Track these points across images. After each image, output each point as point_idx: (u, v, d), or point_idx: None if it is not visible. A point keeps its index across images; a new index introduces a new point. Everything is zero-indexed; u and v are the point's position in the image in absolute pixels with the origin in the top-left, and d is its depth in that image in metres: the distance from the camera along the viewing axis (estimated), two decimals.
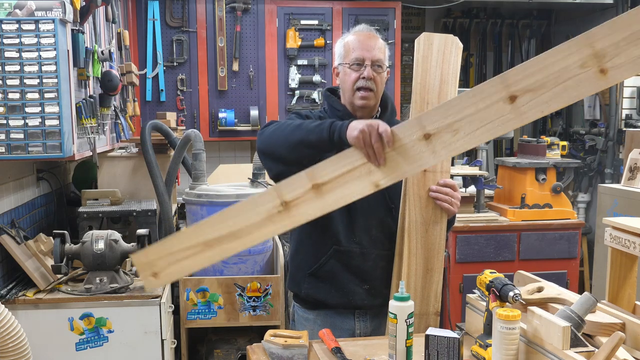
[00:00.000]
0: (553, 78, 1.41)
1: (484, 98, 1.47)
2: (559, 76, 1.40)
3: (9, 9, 2.18)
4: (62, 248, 2.60)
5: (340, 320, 2.06)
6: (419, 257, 1.96)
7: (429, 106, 1.95)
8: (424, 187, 1.95)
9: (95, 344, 2.58)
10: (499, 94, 1.44)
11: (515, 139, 5.40)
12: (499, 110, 1.45)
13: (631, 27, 1.34)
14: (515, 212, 3.75)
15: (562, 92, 1.41)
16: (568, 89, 1.41)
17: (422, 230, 1.96)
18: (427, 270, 1.97)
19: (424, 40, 1.98)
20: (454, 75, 1.99)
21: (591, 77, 1.38)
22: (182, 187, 4.03)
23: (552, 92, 1.41)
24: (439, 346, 1.56)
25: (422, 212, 1.95)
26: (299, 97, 4.80)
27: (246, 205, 1.60)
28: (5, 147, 2.20)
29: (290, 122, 1.84)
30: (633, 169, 3.70)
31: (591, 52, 1.37)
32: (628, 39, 1.34)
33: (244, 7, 4.67)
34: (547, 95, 1.42)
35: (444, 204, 1.93)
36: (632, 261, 1.87)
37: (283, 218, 1.58)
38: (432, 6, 5.22)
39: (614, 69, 1.36)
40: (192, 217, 3.14)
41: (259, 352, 1.74)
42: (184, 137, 3.23)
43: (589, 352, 1.45)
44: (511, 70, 1.47)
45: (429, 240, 1.96)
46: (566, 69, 1.39)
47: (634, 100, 4.94)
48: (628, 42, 1.34)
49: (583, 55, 1.38)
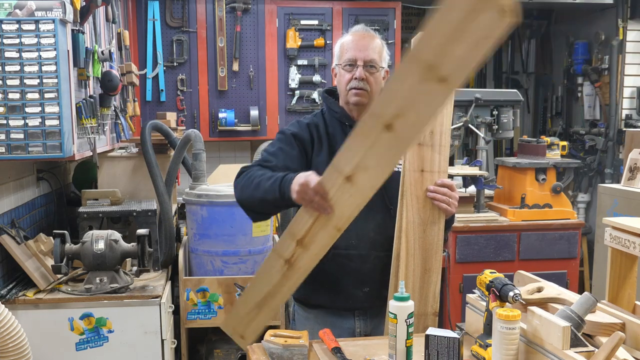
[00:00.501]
0: (409, 100, 1.41)
1: (368, 135, 1.50)
2: (411, 97, 1.41)
3: (9, 9, 2.18)
4: (62, 248, 2.60)
5: (340, 320, 2.06)
6: (417, 258, 1.96)
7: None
8: (421, 187, 1.94)
9: (95, 344, 2.59)
10: (377, 127, 1.46)
11: (515, 139, 5.40)
12: (385, 140, 1.48)
13: (442, 29, 1.32)
14: (515, 212, 3.74)
15: (423, 109, 1.43)
16: (425, 106, 1.42)
17: (420, 230, 1.95)
18: (425, 270, 1.96)
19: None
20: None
21: (435, 88, 1.37)
22: (182, 187, 4.03)
23: (415, 111, 1.43)
24: (439, 346, 1.56)
25: (419, 213, 1.95)
26: (299, 97, 4.80)
27: (263, 270, 1.81)
28: (5, 147, 2.20)
29: (253, 179, 1.89)
30: (633, 169, 3.70)
31: (423, 65, 1.36)
32: (446, 42, 1.32)
33: (244, 7, 4.67)
34: (414, 116, 1.44)
35: (442, 204, 1.92)
36: (632, 261, 1.87)
37: (292, 273, 1.74)
38: (432, 6, 5.20)
39: (450, 74, 1.35)
40: (192, 217, 3.14)
41: (259, 352, 1.74)
42: (184, 137, 3.23)
43: (589, 352, 1.45)
44: (375, 104, 1.52)
45: (426, 241, 1.96)
46: (412, 88, 1.39)
47: (634, 100, 4.94)
48: (447, 44, 1.32)
49: (418, 71, 1.37)
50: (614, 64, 4.92)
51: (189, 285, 3.02)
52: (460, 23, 1.30)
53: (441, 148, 1.97)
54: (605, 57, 5.02)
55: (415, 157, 1.95)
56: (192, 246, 3.12)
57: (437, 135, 1.97)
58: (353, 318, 2.05)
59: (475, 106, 3.76)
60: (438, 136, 1.97)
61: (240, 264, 3.02)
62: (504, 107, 3.87)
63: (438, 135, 1.97)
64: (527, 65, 5.96)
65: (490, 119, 3.81)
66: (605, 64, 5.02)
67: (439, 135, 1.97)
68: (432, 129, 1.96)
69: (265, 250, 3.14)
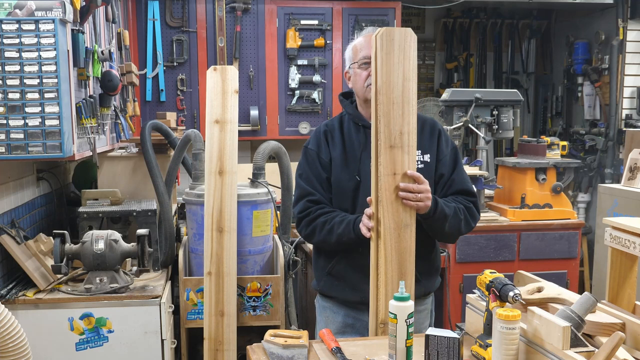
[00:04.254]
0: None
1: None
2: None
3: (9, 9, 2.18)
4: (62, 248, 2.60)
5: (355, 312, 2.21)
6: (394, 263, 1.95)
7: (395, 106, 1.93)
8: (394, 191, 1.94)
9: (95, 344, 2.59)
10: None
11: (515, 139, 5.40)
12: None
13: None
14: (515, 212, 3.74)
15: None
16: None
17: (395, 235, 1.95)
18: (401, 275, 1.96)
19: (386, 35, 1.92)
20: (414, 70, 1.95)
21: None
22: (182, 187, 4.03)
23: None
24: (439, 346, 1.56)
25: (394, 217, 1.94)
26: (299, 97, 4.80)
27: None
28: (5, 147, 2.20)
29: (322, 224, 2.13)
30: (633, 169, 3.70)
31: None
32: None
33: (244, 7, 4.66)
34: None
35: (410, 202, 1.94)
36: (632, 261, 1.87)
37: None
38: (432, 6, 5.22)
39: None
40: (192, 217, 3.14)
41: (259, 352, 1.74)
42: (184, 137, 3.23)
43: (589, 352, 1.45)
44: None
45: (401, 245, 1.96)
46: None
47: (634, 100, 4.94)
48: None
49: None
50: (614, 64, 4.93)
51: (189, 285, 3.02)
52: None
53: (410, 148, 1.96)
54: (605, 57, 5.02)
55: (389, 160, 1.94)
56: (192, 246, 3.12)
57: (405, 135, 1.95)
58: (367, 312, 2.07)
59: (475, 106, 3.76)
60: (407, 136, 1.95)
61: (240, 264, 3.01)
62: (504, 107, 3.87)
63: (407, 135, 1.95)
64: (527, 65, 5.96)
65: (490, 119, 3.81)
66: (605, 64, 5.02)
67: (407, 135, 1.95)
68: (401, 130, 1.94)
69: (265, 250, 3.14)
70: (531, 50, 5.98)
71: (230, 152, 2.91)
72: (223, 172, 2.87)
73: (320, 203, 2.18)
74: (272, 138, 4.28)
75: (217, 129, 2.92)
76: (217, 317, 2.86)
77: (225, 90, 2.94)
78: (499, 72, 5.93)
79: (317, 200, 2.18)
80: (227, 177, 2.88)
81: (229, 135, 2.92)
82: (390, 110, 1.92)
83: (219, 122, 2.92)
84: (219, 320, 2.86)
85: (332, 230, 2.10)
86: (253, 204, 3.03)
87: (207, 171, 2.89)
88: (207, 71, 2.97)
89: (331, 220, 2.12)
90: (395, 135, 1.93)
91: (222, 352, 2.88)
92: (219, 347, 2.87)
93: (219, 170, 2.87)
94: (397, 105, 1.93)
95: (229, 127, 2.93)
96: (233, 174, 2.89)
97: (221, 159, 2.88)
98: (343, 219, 2.09)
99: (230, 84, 2.95)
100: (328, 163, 2.19)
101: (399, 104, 1.93)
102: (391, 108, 1.93)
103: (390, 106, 1.93)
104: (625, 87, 4.95)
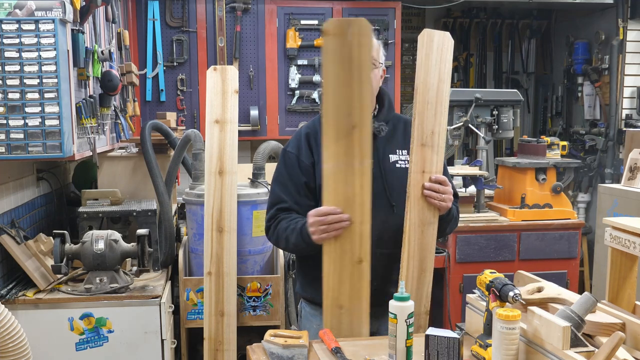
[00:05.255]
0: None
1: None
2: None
3: (9, 9, 2.18)
4: (62, 248, 2.60)
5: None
6: (416, 259, 1.98)
7: (429, 106, 1.97)
8: (421, 188, 1.97)
9: (95, 344, 2.59)
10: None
11: (515, 139, 5.40)
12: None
13: None
14: (515, 212, 3.74)
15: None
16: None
17: (419, 231, 1.98)
18: (421, 271, 2.00)
19: (426, 37, 1.98)
20: (448, 73, 2.01)
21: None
22: (182, 187, 4.03)
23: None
24: (439, 346, 1.56)
25: (419, 214, 1.98)
26: (299, 97, 4.80)
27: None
28: (5, 147, 2.20)
29: (280, 234, 2.05)
30: (633, 169, 3.70)
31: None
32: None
33: (244, 7, 4.66)
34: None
35: (435, 201, 1.96)
36: (632, 261, 1.87)
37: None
38: (432, 6, 5.22)
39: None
40: (192, 217, 3.14)
41: (259, 352, 1.74)
42: (184, 137, 3.23)
43: (589, 352, 1.45)
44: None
45: (424, 242, 1.99)
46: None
47: (634, 100, 4.94)
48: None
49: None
50: (614, 64, 4.92)
51: (189, 285, 3.02)
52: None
53: (439, 148, 2.01)
54: (605, 57, 5.02)
55: (419, 158, 1.98)
56: (192, 246, 3.12)
57: (436, 135, 1.99)
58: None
59: (475, 106, 3.76)
60: (437, 136, 2.00)
61: (240, 264, 3.01)
62: (504, 107, 3.87)
63: (437, 135, 1.99)
64: (527, 65, 5.96)
65: (490, 119, 3.81)
66: (605, 64, 5.02)
67: (437, 135, 2.00)
68: (433, 129, 1.98)
69: (265, 250, 3.14)
70: (531, 50, 5.98)
71: (230, 152, 2.91)
72: (223, 172, 2.87)
73: (290, 210, 2.08)
74: (272, 138, 4.28)
75: (217, 129, 2.92)
76: (217, 317, 2.86)
77: (225, 90, 2.95)
78: (499, 72, 5.92)
79: (287, 207, 2.08)
80: (227, 177, 2.88)
81: (229, 135, 2.93)
82: (425, 109, 1.97)
83: (219, 122, 2.92)
84: (219, 320, 2.86)
85: (288, 240, 2.03)
86: (253, 204, 3.03)
87: (207, 171, 2.89)
88: (207, 71, 2.98)
89: (287, 227, 2.03)
90: (427, 134, 1.97)
91: (222, 352, 2.88)
92: (219, 347, 2.88)
93: (219, 170, 2.87)
94: (431, 105, 1.98)
95: (229, 127, 2.93)
96: (233, 174, 2.89)
97: (221, 159, 2.89)
98: (295, 227, 1.99)
99: (230, 84, 2.95)
100: (309, 167, 2.10)
101: (433, 104, 1.98)
102: (425, 107, 1.97)
103: (425, 105, 1.97)
104: (625, 87, 4.94)
